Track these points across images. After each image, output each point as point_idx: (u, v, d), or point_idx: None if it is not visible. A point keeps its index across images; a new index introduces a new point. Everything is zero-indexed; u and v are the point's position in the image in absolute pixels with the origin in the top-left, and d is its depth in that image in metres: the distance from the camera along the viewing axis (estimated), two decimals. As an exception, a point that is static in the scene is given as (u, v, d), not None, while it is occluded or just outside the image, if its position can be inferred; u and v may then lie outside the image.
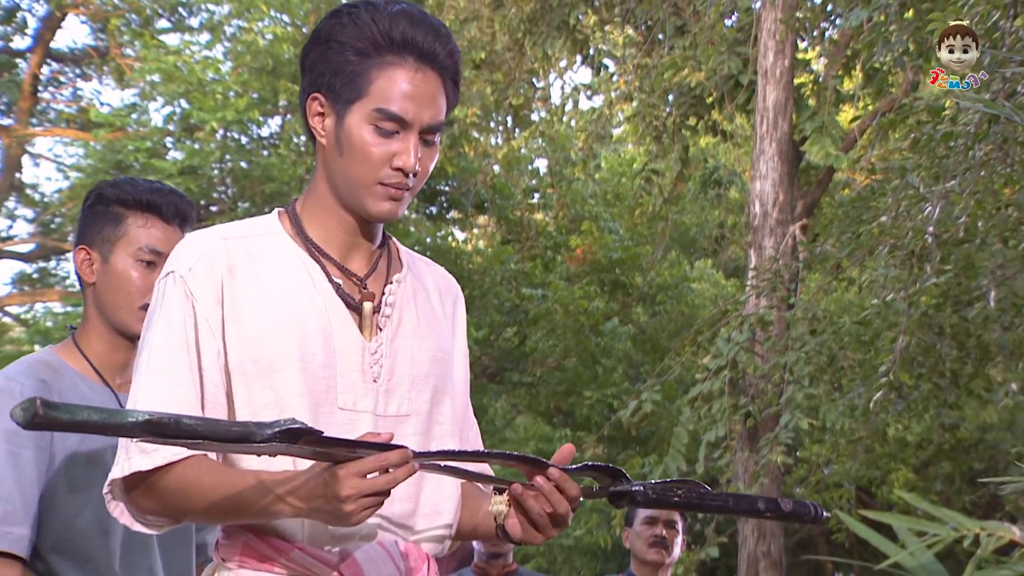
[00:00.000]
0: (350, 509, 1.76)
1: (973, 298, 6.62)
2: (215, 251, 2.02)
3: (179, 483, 1.90)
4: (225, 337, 1.98)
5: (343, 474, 1.74)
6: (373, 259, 2.11)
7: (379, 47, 1.99)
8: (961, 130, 5.40)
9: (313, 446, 1.72)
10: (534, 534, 1.97)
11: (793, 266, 8.55)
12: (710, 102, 10.91)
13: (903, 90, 9.46)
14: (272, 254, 2.05)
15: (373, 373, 2.03)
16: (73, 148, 18.15)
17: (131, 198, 2.63)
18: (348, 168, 2.01)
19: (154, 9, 17.85)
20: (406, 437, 2.01)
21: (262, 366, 1.96)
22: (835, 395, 7.94)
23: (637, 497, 1.96)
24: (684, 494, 1.99)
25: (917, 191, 5.89)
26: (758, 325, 8.19)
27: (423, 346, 2.09)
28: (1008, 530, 1.00)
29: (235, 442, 1.69)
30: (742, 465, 8.52)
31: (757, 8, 10.02)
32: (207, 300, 1.99)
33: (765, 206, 9.60)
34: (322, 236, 2.07)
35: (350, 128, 2.00)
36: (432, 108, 2.02)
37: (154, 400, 1.93)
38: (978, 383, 7.64)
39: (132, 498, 1.94)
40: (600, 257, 15.94)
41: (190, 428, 1.65)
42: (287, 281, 2.02)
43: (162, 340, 1.97)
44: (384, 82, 1.99)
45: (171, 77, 15.25)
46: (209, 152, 15.40)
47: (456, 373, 2.19)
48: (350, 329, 2.03)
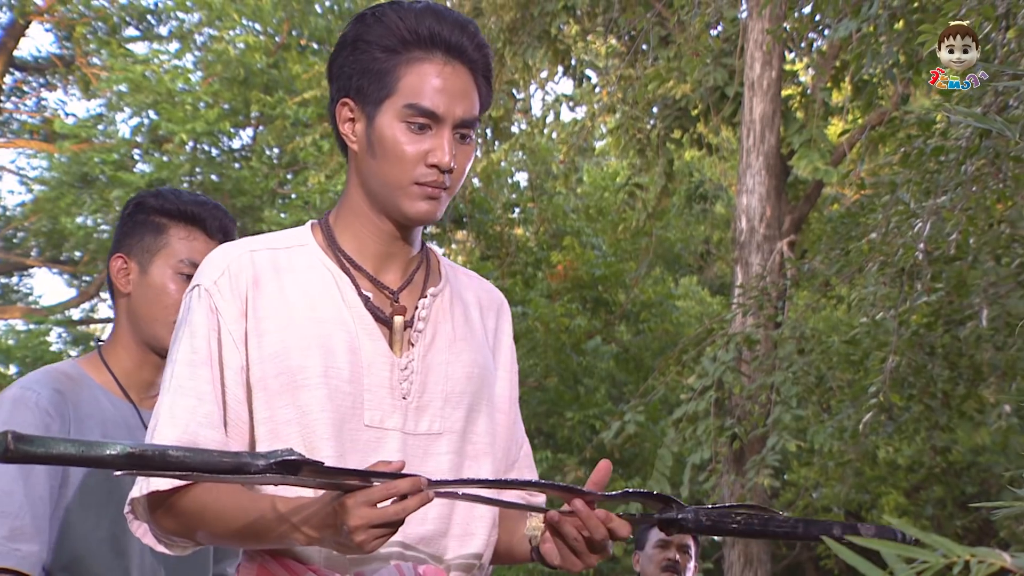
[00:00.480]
0: (360, 539, 1.74)
1: (965, 317, 6.65)
2: (240, 264, 2.02)
3: (197, 505, 1.90)
4: (248, 351, 1.98)
5: (351, 503, 1.73)
6: (409, 271, 2.10)
7: (406, 43, 2.00)
8: (952, 144, 5.43)
9: (315, 476, 1.71)
10: (573, 560, 1.93)
11: (780, 283, 8.58)
12: (695, 114, 10.96)
13: (893, 103, 9.52)
14: (300, 266, 2.04)
15: (403, 390, 2.01)
16: (37, 160, 18.09)
17: (175, 209, 2.63)
18: (382, 170, 2.01)
19: (122, 17, 17.81)
20: (438, 456, 2.01)
21: (284, 381, 1.95)
22: (823, 416, 7.96)
23: (688, 524, 1.89)
24: (744, 520, 1.90)
25: (907, 207, 5.91)
26: (744, 344, 8.20)
27: (458, 362, 2.07)
28: (1000, 557, 1.00)
29: (228, 474, 1.66)
30: (728, 488, 8.53)
31: (743, 18, 10.07)
32: (231, 314, 1.99)
33: (752, 221, 9.63)
34: (355, 247, 2.07)
35: (381, 128, 2.00)
36: (464, 102, 2.02)
37: (176, 416, 1.94)
38: (970, 404, 7.66)
39: (155, 518, 1.95)
40: (582, 273, 15.96)
41: (177, 460, 1.63)
42: (313, 294, 2.01)
43: (186, 356, 1.98)
44: (413, 78, 1.99)
45: (139, 87, 15.22)
46: (178, 165, 15.37)
47: (498, 390, 2.17)
48: (378, 344, 2.01)
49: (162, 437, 1.92)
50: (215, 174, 16.11)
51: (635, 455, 14.54)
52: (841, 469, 8.17)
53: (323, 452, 1.92)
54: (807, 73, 11.69)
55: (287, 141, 15.16)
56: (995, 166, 5.26)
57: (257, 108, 15.59)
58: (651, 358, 15.15)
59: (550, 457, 14.31)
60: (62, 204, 15.80)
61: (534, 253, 16.11)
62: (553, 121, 12.75)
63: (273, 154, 16.46)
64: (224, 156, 16.63)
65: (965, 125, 5.13)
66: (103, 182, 15.61)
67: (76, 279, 18.27)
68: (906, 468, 13.41)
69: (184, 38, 17.33)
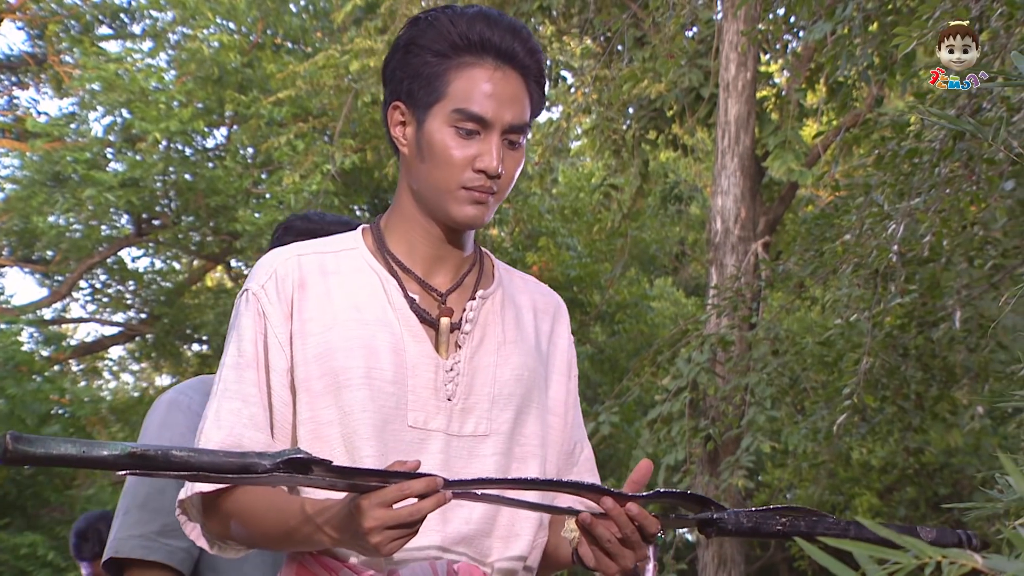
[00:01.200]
0: (376, 541, 1.74)
1: (938, 319, 6.68)
2: (287, 267, 2.04)
3: (237, 507, 1.93)
4: (293, 353, 2.00)
5: (365, 505, 1.72)
6: (459, 274, 2.11)
7: (457, 48, 2.01)
8: (926, 147, 5.45)
9: (326, 475, 1.70)
10: (607, 563, 1.91)
11: (755, 284, 8.60)
12: (670, 115, 10.97)
13: (867, 105, 9.55)
14: (347, 269, 2.06)
15: (447, 391, 2.02)
16: (8, 159, 17.96)
17: (321, 230, 2.65)
18: (430, 174, 2.02)
19: (94, 15, 17.72)
20: (484, 457, 2.02)
21: (328, 382, 1.97)
22: (797, 418, 7.98)
23: (728, 526, 1.85)
24: (789, 523, 1.85)
25: (881, 209, 5.93)
26: (719, 345, 8.22)
27: (507, 364, 2.08)
28: (971, 558, 1.01)
29: (235, 474, 1.65)
30: (702, 489, 8.54)
31: (718, 20, 10.09)
32: (277, 317, 2.01)
33: (727, 223, 9.65)
34: (405, 251, 2.08)
35: (431, 132, 2.01)
36: (514, 107, 2.02)
37: (221, 419, 1.96)
38: (943, 406, 7.70)
39: (206, 520, 1.97)
40: (557, 274, 15.95)
41: (181, 460, 1.61)
42: (359, 295, 2.04)
43: (233, 359, 2.01)
44: (463, 82, 2.00)
45: (112, 86, 15.14)
46: (152, 164, 15.29)
47: (552, 393, 2.17)
48: (423, 345, 2.02)
49: (207, 440, 1.94)
50: (189, 173, 16.04)
51: (610, 456, 14.55)
52: (815, 470, 8.19)
53: (364, 452, 1.94)
54: (782, 75, 11.72)
55: (261, 140, 15.11)
56: (968, 168, 5.28)
57: (231, 107, 15.53)
58: (626, 359, 15.17)
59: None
60: (34, 203, 15.71)
61: (509, 254, 16.10)
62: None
63: (247, 153, 16.40)
64: (198, 155, 16.56)
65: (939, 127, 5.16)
66: (75, 181, 15.52)
67: (48, 279, 18.17)
68: (879, 469, 13.46)
69: (158, 37, 17.24)
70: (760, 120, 9.98)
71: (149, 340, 18.33)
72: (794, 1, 5.87)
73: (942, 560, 1.00)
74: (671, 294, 17.49)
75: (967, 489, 12.34)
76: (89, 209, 15.69)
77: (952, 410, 7.89)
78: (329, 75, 12.89)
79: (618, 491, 1.86)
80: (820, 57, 8.58)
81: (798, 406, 8.21)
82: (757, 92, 9.94)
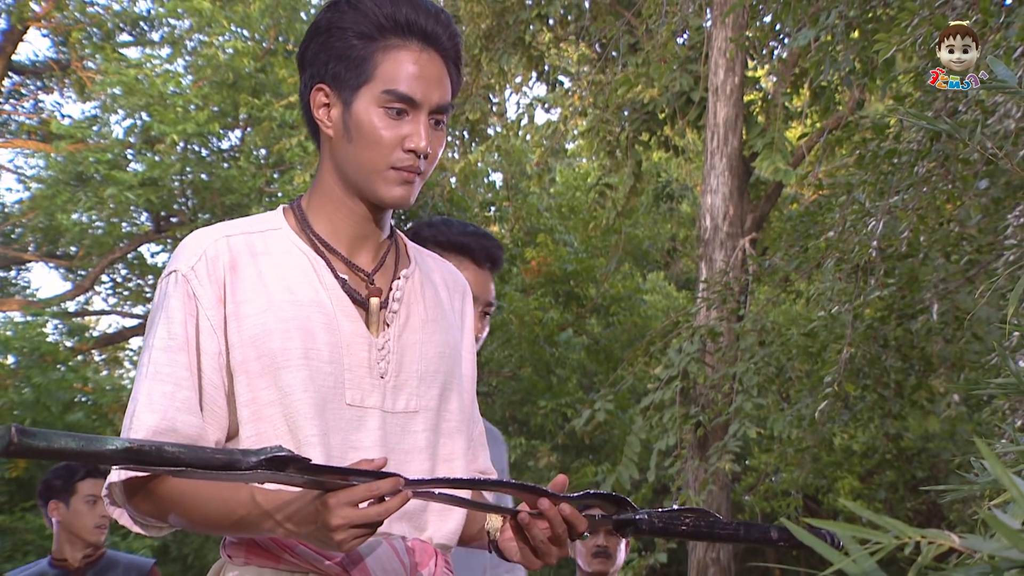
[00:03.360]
0: (340, 539, 1.70)
1: (916, 311, 6.67)
2: (216, 248, 1.96)
3: (177, 491, 1.85)
4: (228, 335, 1.93)
5: (334, 503, 1.68)
6: (381, 254, 2.07)
7: (383, 30, 1.97)
8: (905, 147, 5.45)
9: (302, 474, 1.67)
10: (533, 560, 1.91)
11: (743, 279, 8.59)
12: (662, 118, 10.96)
13: (849, 108, 9.55)
14: (275, 250, 2.00)
15: (380, 369, 1.98)
16: (34, 159, 17.97)
17: (446, 240, 2.69)
18: (358, 154, 1.97)
19: (115, 23, 17.70)
20: (415, 433, 1.99)
21: (266, 363, 1.91)
22: (783, 405, 7.98)
23: (642, 526, 1.90)
24: (692, 522, 1.92)
25: (862, 206, 5.93)
26: (708, 336, 8.22)
27: (431, 342, 2.05)
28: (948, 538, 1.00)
29: (220, 470, 1.63)
30: (692, 473, 8.54)
31: (708, 27, 10.07)
32: (209, 299, 1.93)
33: (716, 220, 9.64)
34: (329, 230, 2.03)
35: (359, 113, 1.96)
36: (439, 88, 1.99)
37: (154, 403, 1.88)
38: (921, 394, 7.69)
39: (133, 503, 1.89)
40: (555, 269, 15.96)
41: (173, 456, 1.60)
42: (290, 277, 1.97)
43: (163, 341, 1.92)
44: (391, 64, 1.96)
45: (132, 90, 15.13)
46: (169, 164, 15.29)
47: (464, 369, 2.14)
48: (356, 325, 1.98)
49: (140, 423, 1.87)
50: (205, 173, 16.03)
51: (605, 441, 14.56)
52: (799, 455, 8.18)
53: (307, 431, 1.89)
54: (768, 79, 11.71)
55: (274, 142, 15.10)
56: (945, 168, 5.28)
57: (245, 111, 15.51)
58: (620, 350, 15.17)
59: (524, 443, 14.31)
60: (58, 201, 15.71)
61: (509, 249, 16.09)
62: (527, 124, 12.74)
63: (260, 154, 16.38)
64: (214, 156, 16.55)
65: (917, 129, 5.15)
66: (97, 181, 15.52)
67: (71, 273, 18.16)
68: (860, 454, 13.47)
69: (175, 43, 17.24)
70: (747, 122, 9.97)
71: (167, 331, 18.30)
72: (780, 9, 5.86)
73: (921, 540, 0.99)
74: (663, 288, 17.48)
75: (943, 472, 12.35)
76: (110, 207, 15.69)
77: (929, 398, 7.89)
78: (338, 80, 12.85)
79: (553, 492, 1.86)
80: (804, 63, 8.57)
81: (783, 394, 8.21)
82: (744, 96, 9.92)
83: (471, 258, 2.67)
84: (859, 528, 0.99)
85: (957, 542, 1.00)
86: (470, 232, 2.71)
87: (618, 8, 11.15)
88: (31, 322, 14.98)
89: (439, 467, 2.03)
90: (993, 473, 1.00)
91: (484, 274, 2.68)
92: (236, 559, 1.93)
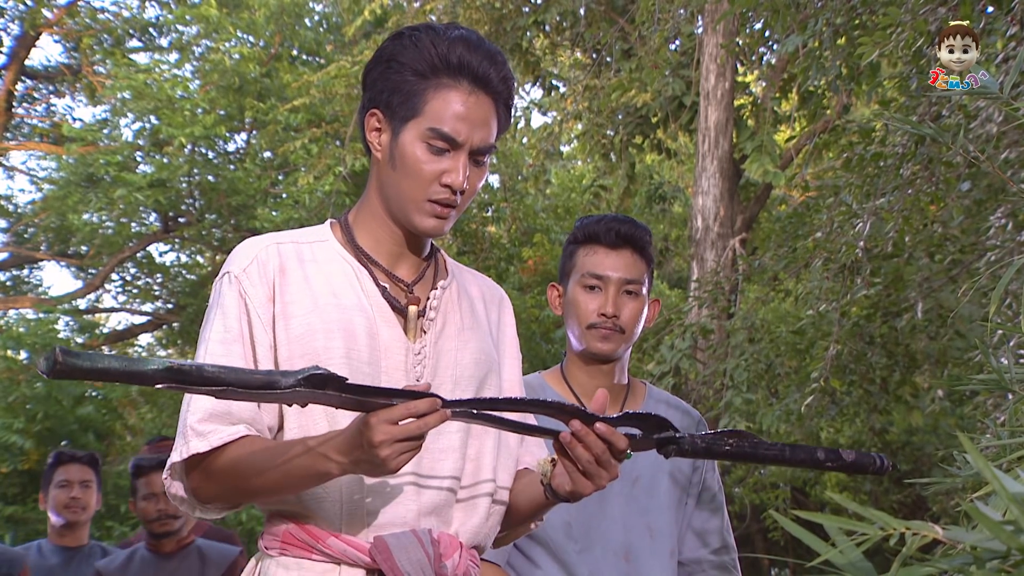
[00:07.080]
0: (385, 454, 1.72)
1: (901, 309, 6.68)
2: (267, 253, 2.03)
3: (232, 460, 1.89)
4: (276, 333, 1.99)
5: (374, 421, 1.71)
6: (420, 268, 2.11)
7: (436, 69, 1.99)
8: (890, 151, 5.45)
9: (340, 392, 1.68)
10: (584, 482, 1.88)
11: (733, 278, 8.59)
12: (655, 122, 10.96)
13: (836, 112, 9.54)
14: (322, 259, 2.06)
15: (416, 373, 2.02)
16: (46, 162, 17.95)
17: (580, 233, 2.81)
18: (400, 182, 2.02)
19: (125, 29, 17.69)
20: (449, 434, 2.02)
21: (309, 361, 1.94)
22: (772, 400, 7.98)
23: (684, 445, 1.84)
24: (736, 443, 1.86)
25: (849, 208, 5.93)
26: (700, 333, 8.22)
27: (466, 349, 2.09)
28: (932, 529, 1.00)
29: (260, 389, 1.63)
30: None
31: (699, 33, 10.07)
32: (260, 298, 1.99)
33: (707, 220, 9.65)
34: (371, 245, 2.08)
35: (404, 144, 2.00)
36: (483, 130, 2.01)
37: None
38: (906, 389, 7.70)
39: (192, 483, 1.94)
40: (551, 268, 15.95)
41: (213, 375, 1.60)
42: (335, 283, 2.03)
43: (219, 334, 1.98)
44: (439, 103, 1.99)
45: (141, 94, 15.12)
46: (177, 166, 15.28)
47: (505, 375, 2.18)
48: (395, 330, 2.02)
49: (198, 405, 1.91)
50: (212, 175, 16.02)
51: (599, 435, 14.54)
52: (787, 448, 8.17)
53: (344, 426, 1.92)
54: (758, 84, 11.71)
55: (278, 144, 15.08)
56: (929, 171, 5.28)
57: (251, 114, 15.49)
58: (614, 346, 15.13)
59: (521, 437, 14.30)
60: (69, 202, 15.70)
61: (507, 249, 16.10)
62: (524, 127, 12.74)
63: (265, 157, 16.37)
64: (220, 158, 16.55)
65: (902, 133, 5.15)
66: (107, 182, 15.51)
67: (82, 271, 18.16)
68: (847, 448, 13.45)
69: (183, 49, 17.22)
70: (737, 126, 9.97)
71: (175, 328, 18.31)
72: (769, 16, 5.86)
73: (906, 531, 0.99)
74: (656, 287, 17.48)
75: (927, 465, 12.35)
76: (120, 208, 15.68)
77: (914, 393, 7.90)
78: (341, 84, 12.87)
79: (591, 413, 1.84)
80: (793, 68, 8.56)
81: (772, 389, 8.21)
82: (735, 100, 9.93)
83: (598, 242, 2.80)
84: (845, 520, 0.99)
85: (941, 533, 1.00)
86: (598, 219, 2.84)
87: (612, 15, 11.15)
88: (43, 319, 14.98)
89: (467, 466, 2.06)
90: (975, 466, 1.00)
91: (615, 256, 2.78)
92: (271, 550, 1.98)
